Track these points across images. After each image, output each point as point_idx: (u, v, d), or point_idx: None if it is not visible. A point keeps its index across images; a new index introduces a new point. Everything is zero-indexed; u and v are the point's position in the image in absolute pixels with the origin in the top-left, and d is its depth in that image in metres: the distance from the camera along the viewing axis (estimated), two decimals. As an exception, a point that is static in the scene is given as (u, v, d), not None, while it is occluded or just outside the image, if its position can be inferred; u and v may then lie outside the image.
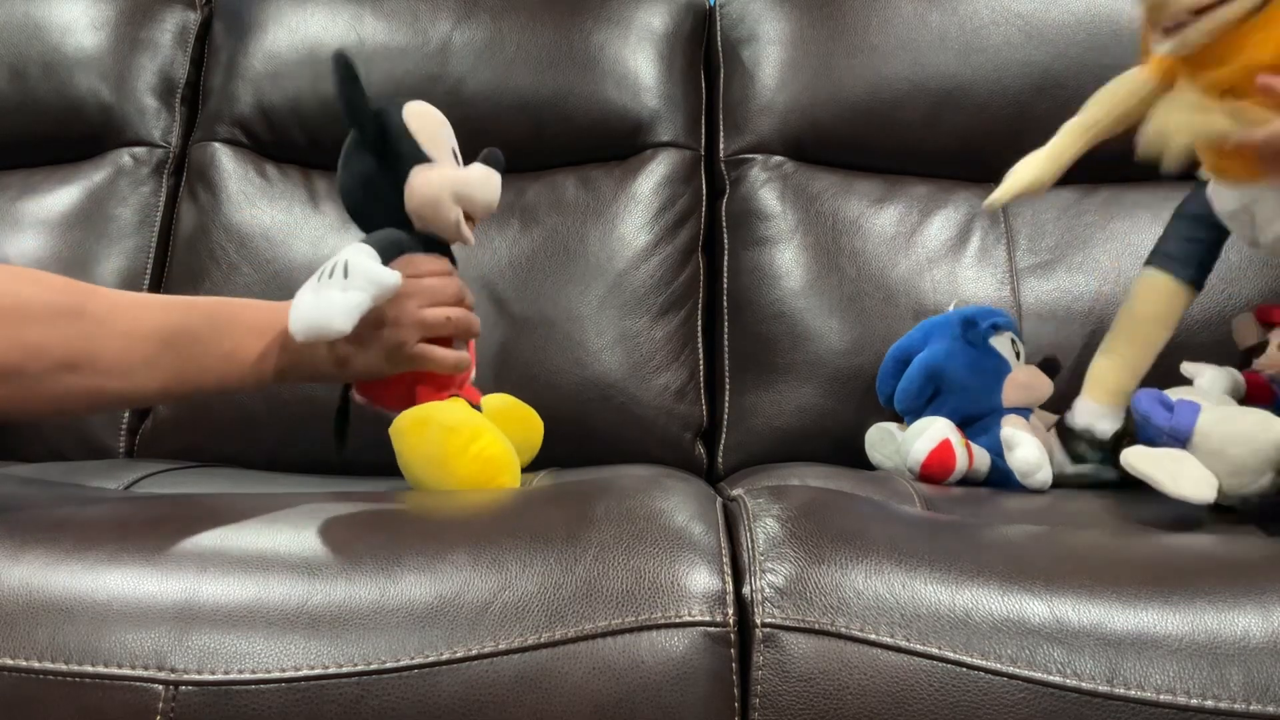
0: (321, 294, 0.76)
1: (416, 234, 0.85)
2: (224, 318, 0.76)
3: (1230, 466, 0.77)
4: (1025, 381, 1.00)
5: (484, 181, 0.86)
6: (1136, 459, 0.78)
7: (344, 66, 0.80)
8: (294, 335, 0.75)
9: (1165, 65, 0.88)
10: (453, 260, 0.89)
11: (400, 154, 0.83)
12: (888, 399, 1.05)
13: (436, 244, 0.86)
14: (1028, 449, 0.93)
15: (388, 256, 0.80)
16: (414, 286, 0.81)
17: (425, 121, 0.85)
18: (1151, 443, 0.81)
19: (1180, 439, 0.80)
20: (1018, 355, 1.03)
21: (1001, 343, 1.02)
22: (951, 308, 1.05)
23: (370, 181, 0.84)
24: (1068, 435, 0.97)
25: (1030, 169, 0.95)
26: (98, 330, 0.67)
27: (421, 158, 0.84)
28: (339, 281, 0.76)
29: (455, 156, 0.87)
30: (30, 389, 0.64)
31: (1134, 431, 0.87)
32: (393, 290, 0.77)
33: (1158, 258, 0.96)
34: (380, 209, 0.84)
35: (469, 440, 0.79)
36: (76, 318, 0.66)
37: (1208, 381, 0.95)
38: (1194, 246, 0.95)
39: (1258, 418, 0.79)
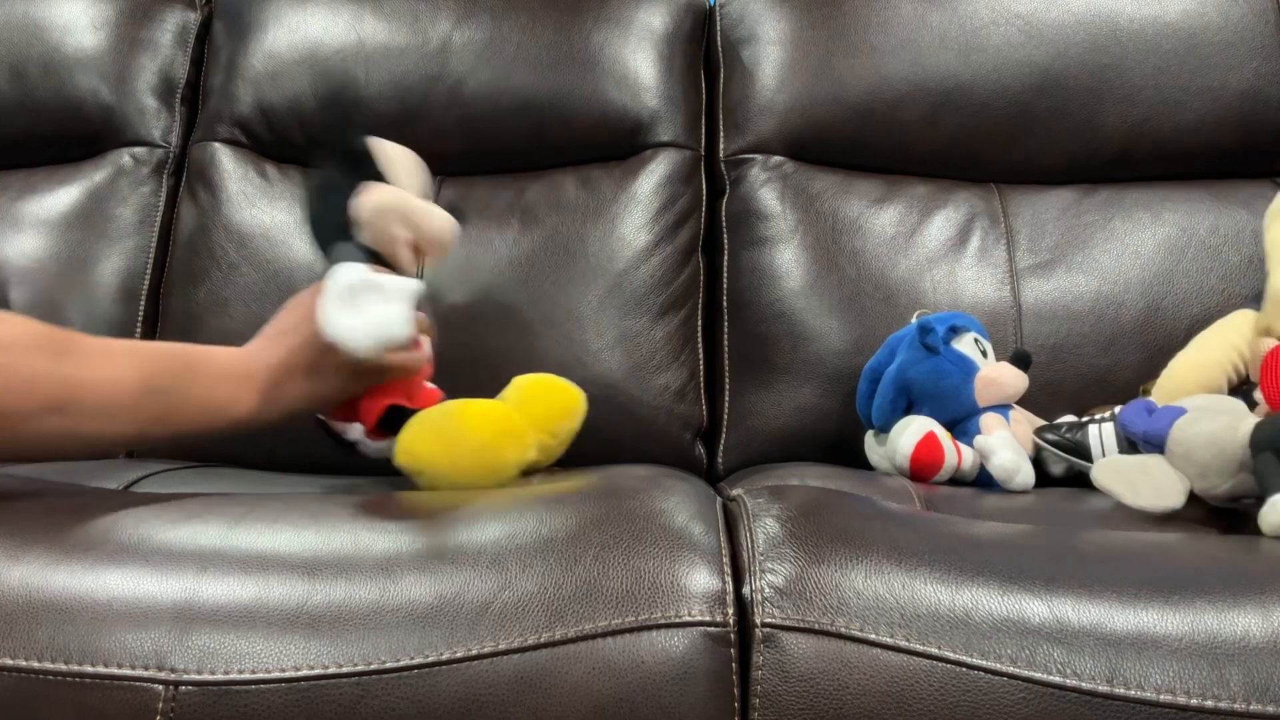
0: (366, 311, 0.77)
1: (366, 250, 0.85)
2: (198, 364, 0.77)
3: (1199, 469, 0.77)
4: (993, 378, 1.01)
5: (438, 217, 0.87)
6: (1100, 473, 0.79)
7: (345, 91, 0.83)
8: (356, 353, 0.76)
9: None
10: None
11: (360, 169, 0.85)
12: (869, 419, 1.06)
13: (382, 263, 0.87)
14: (1003, 455, 0.93)
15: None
16: None
17: (396, 155, 0.86)
18: (1137, 450, 0.82)
19: (1156, 444, 0.80)
20: (984, 354, 1.03)
21: (964, 344, 1.02)
22: (914, 318, 1.05)
23: (327, 187, 0.86)
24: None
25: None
26: (81, 373, 0.68)
27: (380, 177, 0.85)
28: (375, 294, 0.77)
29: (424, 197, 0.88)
30: (17, 429, 0.65)
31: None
32: (419, 295, 0.80)
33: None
34: (332, 220, 0.85)
35: (461, 407, 0.82)
36: (61, 359, 0.67)
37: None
38: None
39: (1227, 420, 0.78)
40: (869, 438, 1.07)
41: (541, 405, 0.94)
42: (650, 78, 1.27)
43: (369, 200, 0.84)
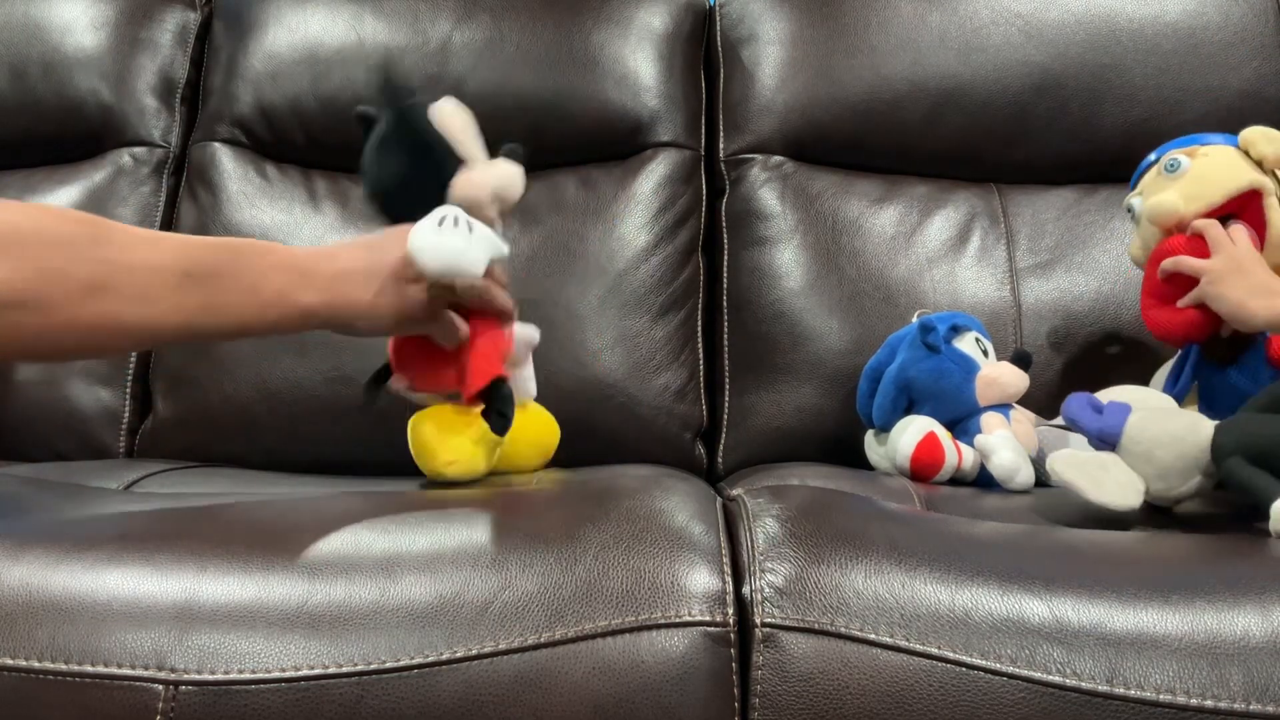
0: (448, 238, 0.79)
1: None
2: (248, 254, 0.74)
3: (1157, 470, 0.77)
4: (994, 377, 1.00)
5: (516, 178, 0.88)
6: (1060, 465, 0.78)
7: (388, 77, 0.85)
8: (425, 268, 0.77)
9: None
10: None
11: (441, 160, 0.86)
12: (869, 419, 1.06)
13: None
14: (1003, 454, 0.93)
15: None
16: None
17: (457, 121, 0.87)
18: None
19: (1110, 442, 0.80)
20: (986, 354, 1.03)
21: (966, 344, 1.02)
22: (915, 318, 1.05)
23: (409, 182, 0.86)
24: None
25: None
26: (119, 257, 0.66)
27: (460, 161, 0.86)
28: (463, 233, 0.79)
29: (483, 148, 0.89)
30: (53, 317, 0.63)
31: None
32: (500, 258, 0.82)
33: None
34: (419, 207, 0.85)
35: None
36: (96, 245, 0.65)
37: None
38: None
39: (1187, 420, 0.78)
40: (869, 438, 1.07)
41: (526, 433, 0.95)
42: (650, 78, 1.28)
43: (463, 193, 0.85)
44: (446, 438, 0.84)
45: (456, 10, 1.29)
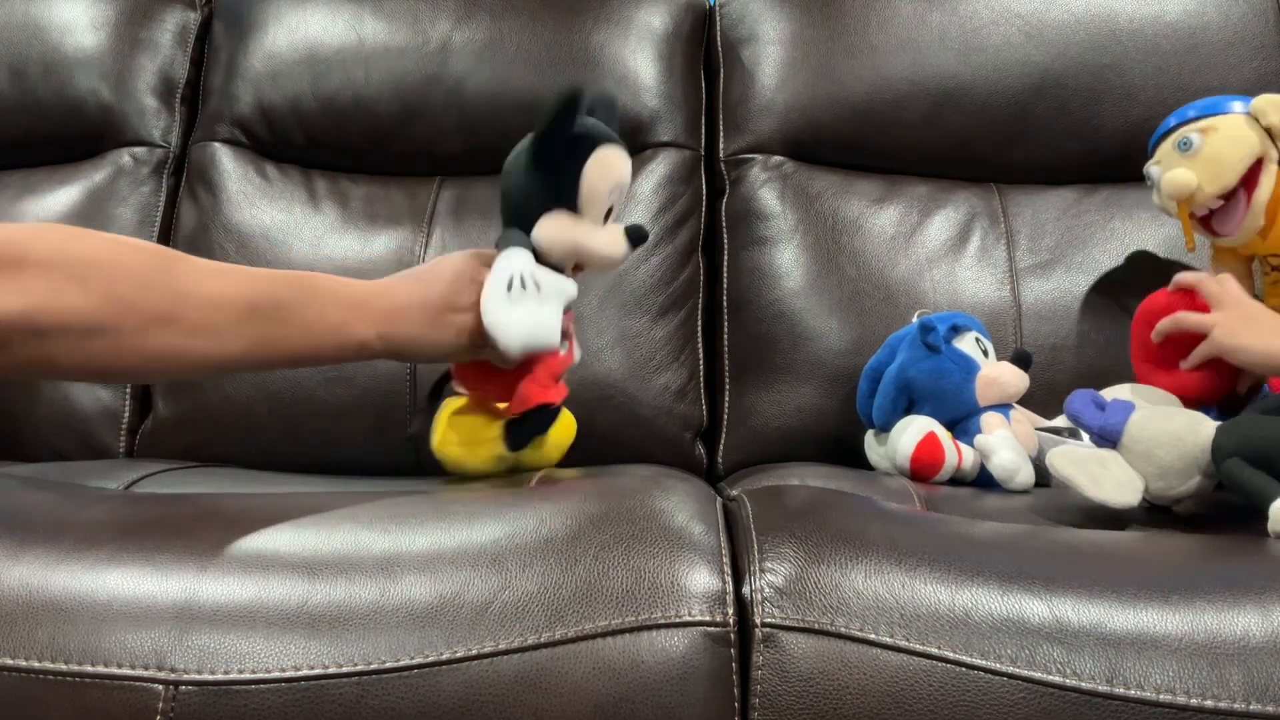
0: (521, 307, 0.80)
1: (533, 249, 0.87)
2: (308, 288, 0.76)
3: (1157, 469, 0.77)
4: (994, 377, 1.00)
5: (606, 247, 0.88)
6: (1059, 461, 0.78)
7: (571, 103, 0.85)
8: (510, 351, 0.80)
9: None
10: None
11: (558, 192, 0.86)
12: (869, 419, 1.06)
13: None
14: (1003, 454, 0.93)
15: None
16: None
17: (600, 174, 0.87)
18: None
19: (1111, 439, 0.80)
20: (986, 354, 1.03)
21: (966, 343, 1.02)
22: (915, 318, 1.05)
23: (520, 201, 0.87)
24: None
25: None
26: (187, 289, 0.68)
27: (570, 204, 0.86)
28: (533, 295, 0.81)
29: (609, 213, 0.89)
30: (124, 344, 0.65)
31: None
32: (572, 299, 0.85)
33: None
34: (519, 220, 0.87)
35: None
36: (167, 276, 0.67)
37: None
38: None
39: (1188, 420, 0.78)
40: (869, 438, 1.07)
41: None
42: (650, 78, 1.27)
43: (544, 236, 0.86)
44: (469, 422, 0.89)
45: (456, 10, 1.29)
